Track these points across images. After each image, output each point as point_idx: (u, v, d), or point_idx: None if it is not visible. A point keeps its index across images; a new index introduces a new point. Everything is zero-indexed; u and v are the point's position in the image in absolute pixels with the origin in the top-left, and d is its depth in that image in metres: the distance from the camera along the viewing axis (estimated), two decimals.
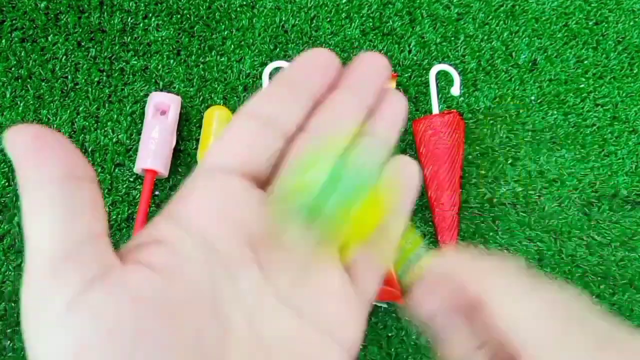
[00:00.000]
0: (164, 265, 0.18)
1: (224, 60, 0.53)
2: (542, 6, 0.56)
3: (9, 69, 0.51)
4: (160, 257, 0.18)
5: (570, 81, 0.54)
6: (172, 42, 0.53)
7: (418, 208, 0.51)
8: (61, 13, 0.53)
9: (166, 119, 0.48)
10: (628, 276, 0.50)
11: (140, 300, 0.17)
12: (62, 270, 0.16)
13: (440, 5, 0.55)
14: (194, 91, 0.52)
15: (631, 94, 0.54)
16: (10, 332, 0.45)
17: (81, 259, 0.17)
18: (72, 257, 0.16)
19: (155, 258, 0.18)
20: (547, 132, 0.53)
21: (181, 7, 0.54)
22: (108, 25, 0.53)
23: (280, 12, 0.54)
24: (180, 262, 0.18)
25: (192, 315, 0.17)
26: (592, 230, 0.51)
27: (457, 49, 0.54)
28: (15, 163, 0.17)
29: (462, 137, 0.50)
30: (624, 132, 0.53)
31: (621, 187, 0.52)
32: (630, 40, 0.56)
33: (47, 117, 0.50)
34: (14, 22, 0.52)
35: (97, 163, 0.49)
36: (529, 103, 0.54)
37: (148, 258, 0.18)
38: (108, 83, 0.51)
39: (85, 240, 0.17)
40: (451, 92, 0.53)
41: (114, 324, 0.16)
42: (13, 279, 0.46)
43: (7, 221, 0.48)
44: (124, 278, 0.17)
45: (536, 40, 0.55)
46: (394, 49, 0.54)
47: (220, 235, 0.19)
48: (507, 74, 0.54)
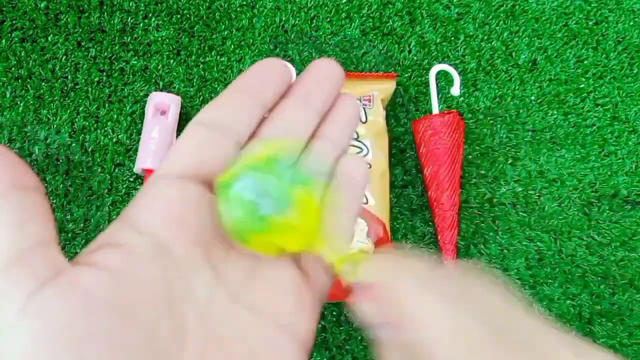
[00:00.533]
0: (117, 266, 0.18)
1: (224, 60, 0.53)
2: (542, 6, 0.56)
3: (9, 69, 0.51)
4: (112, 259, 0.18)
5: (570, 81, 0.54)
6: (172, 42, 0.53)
7: (418, 208, 0.51)
8: (61, 13, 0.53)
9: (166, 119, 0.48)
10: (628, 276, 0.50)
11: (90, 299, 0.17)
12: (14, 273, 0.17)
13: (440, 5, 0.55)
14: (194, 91, 0.52)
15: (631, 94, 0.54)
16: None
17: (32, 262, 0.17)
18: (23, 261, 0.17)
19: (108, 260, 0.18)
20: (547, 132, 0.53)
21: (181, 7, 0.54)
22: (108, 25, 0.53)
23: (280, 12, 0.54)
24: (133, 263, 0.19)
25: (145, 315, 0.18)
26: (592, 230, 0.51)
27: (457, 49, 0.54)
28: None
29: (462, 137, 0.50)
30: (624, 132, 0.53)
31: (621, 187, 0.52)
32: (630, 40, 0.56)
33: (47, 117, 0.50)
34: (14, 22, 0.52)
35: (97, 163, 0.49)
36: (529, 103, 0.54)
37: (101, 260, 0.18)
38: (108, 83, 0.51)
39: (35, 246, 0.17)
40: (451, 92, 0.53)
41: (64, 323, 0.16)
42: None
43: None
44: (74, 278, 0.17)
45: (536, 40, 0.55)
46: (394, 49, 0.54)
47: (173, 237, 0.20)
48: (507, 74, 0.54)
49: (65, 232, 0.48)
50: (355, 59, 0.53)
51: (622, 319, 0.49)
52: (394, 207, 0.50)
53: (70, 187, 0.49)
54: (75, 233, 0.48)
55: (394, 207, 0.50)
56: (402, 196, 0.51)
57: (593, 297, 0.50)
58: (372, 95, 0.50)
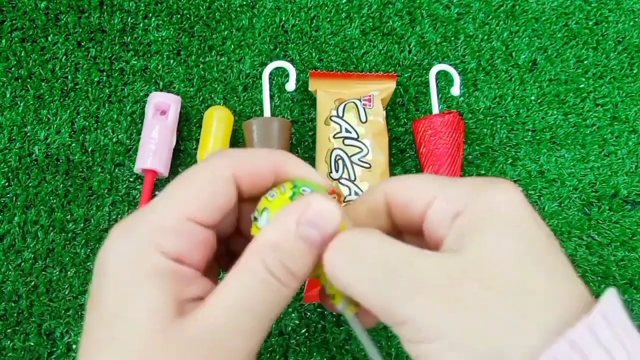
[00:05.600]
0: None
1: (224, 60, 0.53)
2: (542, 6, 0.56)
3: (9, 69, 0.51)
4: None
5: (570, 81, 0.54)
6: (172, 42, 0.53)
7: None
8: (61, 13, 0.53)
9: (166, 119, 0.48)
10: (628, 276, 0.50)
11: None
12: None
13: (440, 5, 0.55)
14: (194, 91, 0.52)
15: (631, 94, 0.54)
16: (10, 332, 0.45)
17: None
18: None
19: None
20: (547, 132, 0.53)
21: (181, 7, 0.54)
22: (108, 25, 0.53)
23: (280, 12, 0.54)
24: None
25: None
26: (592, 230, 0.51)
27: (457, 49, 0.54)
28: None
29: (462, 137, 0.50)
30: (624, 132, 0.53)
31: (621, 187, 0.52)
32: (630, 40, 0.56)
33: (47, 117, 0.50)
34: (14, 22, 0.52)
35: (97, 163, 0.49)
36: (529, 103, 0.54)
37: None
38: (108, 83, 0.51)
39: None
40: (451, 92, 0.53)
41: None
42: (13, 279, 0.46)
43: (7, 221, 0.48)
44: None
45: (536, 40, 0.55)
46: (394, 49, 0.54)
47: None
48: (507, 74, 0.54)
49: (65, 232, 0.48)
50: (355, 59, 0.53)
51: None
52: None
53: (70, 187, 0.49)
54: (75, 233, 0.48)
55: None
56: None
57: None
58: (372, 95, 0.50)
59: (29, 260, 0.47)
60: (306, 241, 0.22)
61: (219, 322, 0.21)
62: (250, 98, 0.52)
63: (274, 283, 0.21)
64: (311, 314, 0.47)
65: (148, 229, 0.22)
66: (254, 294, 0.21)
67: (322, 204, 0.22)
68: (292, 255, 0.22)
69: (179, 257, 0.22)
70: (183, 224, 0.22)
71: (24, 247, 0.47)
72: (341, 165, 0.47)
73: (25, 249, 0.47)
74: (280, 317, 0.47)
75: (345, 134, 0.48)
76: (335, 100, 0.49)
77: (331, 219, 0.22)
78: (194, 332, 0.20)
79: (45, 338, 0.45)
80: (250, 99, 0.52)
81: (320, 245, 0.22)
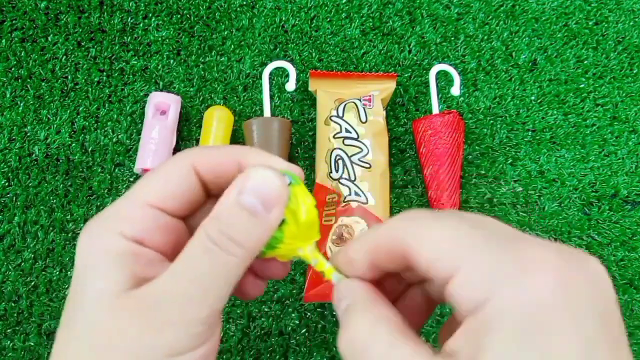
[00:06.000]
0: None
1: (224, 60, 0.53)
2: (542, 6, 0.56)
3: (9, 69, 0.51)
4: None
5: (570, 81, 0.54)
6: (172, 42, 0.53)
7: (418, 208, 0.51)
8: (61, 13, 0.53)
9: (166, 119, 0.48)
10: (628, 276, 0.50)
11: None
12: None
13: (440, 5, 0.55)
14: (194, 91, 0.52)
15: (631, 94, 0.54)
16: (10, 332, 0.45)
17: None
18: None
19: None
20: (547, 132, 0.53)
21: (181, 7, 0.54)
22: (108, 25, 0.53)
23: (280, 12, 0.54)
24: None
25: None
26: (592, 230, 0.51)
27: (457, 49, 0.54)
28: None
29: (462, 137, 0.50)
30: (624, 132, 0.53)
31: (621, 187, 0.52)
32: (630, 40, 0.56)
33: (47, 117, 0.50)
34: (14, 22, 0.52)
35: (97, 163, 0.49)
36: (529, 103, 0.54)
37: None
38: (108, 83, 0.51)
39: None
40: (451, 92, 0.53)
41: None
42: (13, 279, 0.46)
43: (7, 221, 0.48)
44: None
45: (536, 40, 0.55)
46: (394, 49, 0.54)
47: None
48: (507, 74, 0.54)
49: (65, 232, 0.48)
50: (355, 59, 0.53)
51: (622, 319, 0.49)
52: (394, 207, 0.50)
53: (70, 187, 0.49)
54: (75, 233, 0.48)
55: (394, 207, 0.50)
56: (402, 196, 0.51)
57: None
58: (372, 95, 0.50)
59: (29, 260, 0.47)
60: (249, 210, 0.23)
61: (166, 289, 0.22)
62: (250, 98, 0.52)
63: (216, 251, 0.22)
64: (311, 314, 0.47)
65: (110, 215, 0.24)
66: (198, 263, 0.22)
67: (260, 173, 0.23)
68: (233, 224, 0.22)
69: (140, 239, 0.23)
70: (143, 209, 0.24)
71: (24, 247, 0.47)
72: (341, 165, 0.47)
73: (25, 249, 0.47)
74: (281, 317, 0.47)
75: (345, 134, 0.48)
76: (335, 100, 0.49)
77: (269, 185, 0.23)
78: (143, 300, 0.22)
79: (45, 338, 0.45)
80: (250, 99, 0.52)
81: (264, 212, 0.23)
